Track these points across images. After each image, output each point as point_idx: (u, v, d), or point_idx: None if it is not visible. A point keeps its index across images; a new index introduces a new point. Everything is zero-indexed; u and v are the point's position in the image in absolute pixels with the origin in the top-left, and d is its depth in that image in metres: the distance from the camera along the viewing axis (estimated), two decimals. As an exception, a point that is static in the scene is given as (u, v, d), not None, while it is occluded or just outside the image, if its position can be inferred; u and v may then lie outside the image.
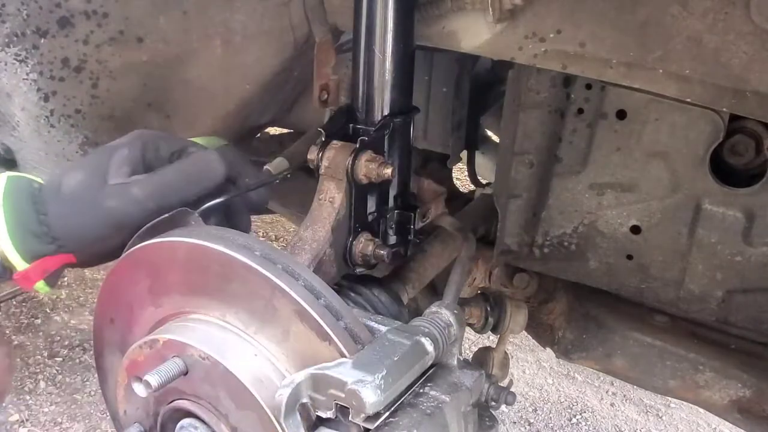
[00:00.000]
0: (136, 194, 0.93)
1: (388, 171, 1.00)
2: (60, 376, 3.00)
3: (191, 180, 0.97)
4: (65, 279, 3.58)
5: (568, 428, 2.92)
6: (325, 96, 1.17)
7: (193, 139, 1.08)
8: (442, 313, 0.90)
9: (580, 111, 1.13)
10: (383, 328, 0.86)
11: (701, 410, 1.69)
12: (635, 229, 1.17)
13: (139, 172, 0.96)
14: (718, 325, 1.29)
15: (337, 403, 0.74)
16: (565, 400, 3.06)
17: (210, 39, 1.19)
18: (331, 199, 1.01)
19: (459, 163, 1.77)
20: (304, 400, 0.75)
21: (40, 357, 3.10)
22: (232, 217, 1.03)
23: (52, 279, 0.96)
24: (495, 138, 1.84)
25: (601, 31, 0.94)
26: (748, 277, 1.11)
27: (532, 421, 2.94)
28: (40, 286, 0.95)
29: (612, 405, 3.04)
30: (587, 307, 1.45)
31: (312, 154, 1.03)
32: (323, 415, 0.75)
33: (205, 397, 0.85)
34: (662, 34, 0.91)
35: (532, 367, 3.24)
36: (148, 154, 0.98)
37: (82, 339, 3.22)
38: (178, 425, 0.88)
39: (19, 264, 0.92)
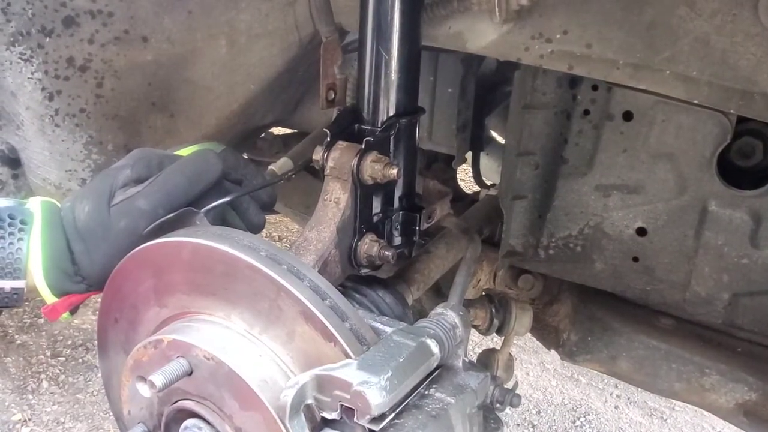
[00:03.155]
0: (143, 207, 0.94)
1: (394, 172, 1.00)
2: (63, 376, 3.00)
3: (192, 179, 0.97)
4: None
5: (572, 431, 2.91)
6: (333, 95, 1.16)
7: (193, 146, 1.09)
8: (447, 314, 0.90)
9: (587, 112, 1.13)
10: (388, 330, 0.85)
11: (706, 413, 1.68)
12: (641, 231, 1.16)
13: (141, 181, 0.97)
14: (724, 327, 1.29)
15: (342, 405, 0.73)
16: (569, 403, 3.06)
17: (214, 39, 1.19)
18: (336, 199, 1.01)
19: (464, 164, 1.77)
20: (309, 401, 0.75)
21: (42, 356, 3.10)
22: (244, 216, 1.04)
23: (75, 308, 0.99)
24: (500, 139, 1.84)
25: (607, 32, 0.94)
26: (754, 280, 1.11)
27: (535, 423, 2.93)
28: (65, 316, 0.97)
29: (616, 408, 3.03)
30: (592, 309, 1.45)
31: (317, 155, 1.02)
32: (328, 416, 0.75)
33: (210, 398, 0.84)
34: (669, 36, 0.91)
35: (536, 369, 3.24)
36: (152, 172, 0.98)
37: (85, 339, 3.23)
38: (182, 426, 0.87)
39: (49, 298, 0.94)
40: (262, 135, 1.77)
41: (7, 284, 0.91)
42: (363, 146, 1.00)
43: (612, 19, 0.93)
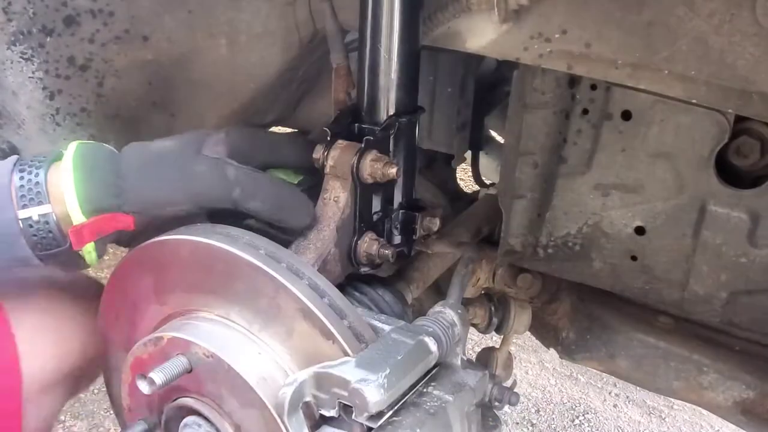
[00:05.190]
0: (228, 173, 0.93)
1: (393, 171, 1.00)
2: (63, 374, 3.00)
3: (279, 206, 0.96)
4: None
5: (570, 429, 2.92)
6: None
7: (277, 171, 1.09)
8: (445, 312, 0.90)
9: (585, 112, 1.13)
10: (387, 328, 0.86)
11: (704, 412, 1.69)
12: (640, 230, 1.17)
13: (233, 158, 0.96)
14: (722, 326, 1.29)
15: (340, 402, 0.74)
16: (568, 401, 3.06)
17: (215, 38, 1.19)
18: (335, 198, 1.01)
19: (463, 164, 1.77)
20: (308, 399, 0.76)
21: (43, 355, 3.10)
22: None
23: (102, 247, 0.94)
24: (499, 138, 1.84)
25: (606, 32, 0.94)
26: (752, 279, 1.11)
27: (534, 422, 2.94)
28: (89, 250, 0.92)
29: (615, 406, 3.04)
30: (591, 307, 1.45)
31: (317, 154, 1.03)
32: (326, 413, 0.76)
33: (209, 395, 0.85)
34: (668, 35, 0.91)
35: (535, 368, 3.24)
36: (243, 147, 0.98)
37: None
38: (182, 423, 0.88)
39: (77, 217, 0.89)
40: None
41: (34, 212, 0.88)
42: (363, 145, 1.01)
43: (611, 19, 0.93)
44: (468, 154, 1.70)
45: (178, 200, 0.93)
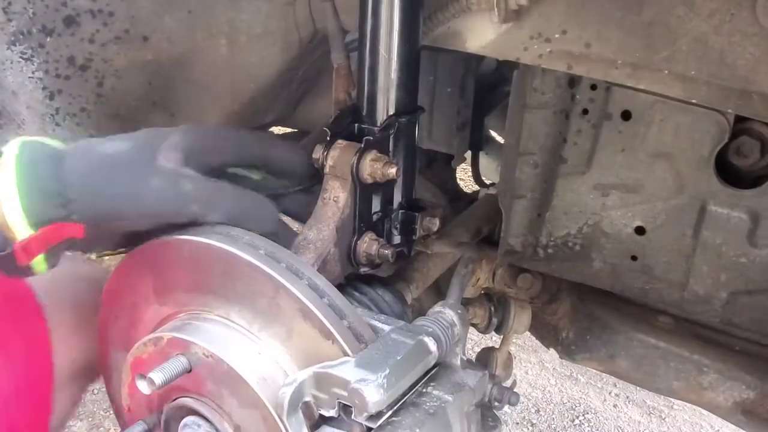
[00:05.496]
0: (185, 189, 0.87)
1: (393, 171, 1.00)
2: (64, 374, 3.00)
3: (241, 216, 0.92)
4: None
5: (570, 429, 2.92)
6: None
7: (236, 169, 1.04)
8: (445, 312, 0.90)
9: (585, 112, 1.13)
10: (387, 328, 0.86)
11: (704, 412, 1.69)
12: (640, 230, 1.17)
13: (189, 163, 0.90)
14: (722, 326, 1.29)
15: (340, 402, 0.74)
16: (568, 401, 3.06)
17: (215, 38, 1.19)
18: (335, 198, 1.01)
19: (463, 164, 1.78)
20: (307, 399, 0.76)
21: (44, 355, 3.10)
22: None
23: (53, 257, 0.86)
24: (499, 138, 1.84)
25: (606, 32, 0.94)
26: (752, 279, 1.11)
27: (534, 422, 2.94)
28: (39, 262, 0.84)
29: (615, 406, 3.04)
30: (591, 307, 1.45)
31: (317, 154, 1.03)
32: (326, 413, 0.76)
33: (209, 395, 0.85)
34: (668, 35, 0.91)
35: (535, 368, 3.24)
36: (203, 147, 0.93)
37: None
38: (182, 423, 0.88)
39: (22, 231, 0.81)
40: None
41: None
42: (362, 145, 1.01)
43: (611, 19, 0.93)
44: (468, 154, 1.70)
45: (129, 215, 0.87)
